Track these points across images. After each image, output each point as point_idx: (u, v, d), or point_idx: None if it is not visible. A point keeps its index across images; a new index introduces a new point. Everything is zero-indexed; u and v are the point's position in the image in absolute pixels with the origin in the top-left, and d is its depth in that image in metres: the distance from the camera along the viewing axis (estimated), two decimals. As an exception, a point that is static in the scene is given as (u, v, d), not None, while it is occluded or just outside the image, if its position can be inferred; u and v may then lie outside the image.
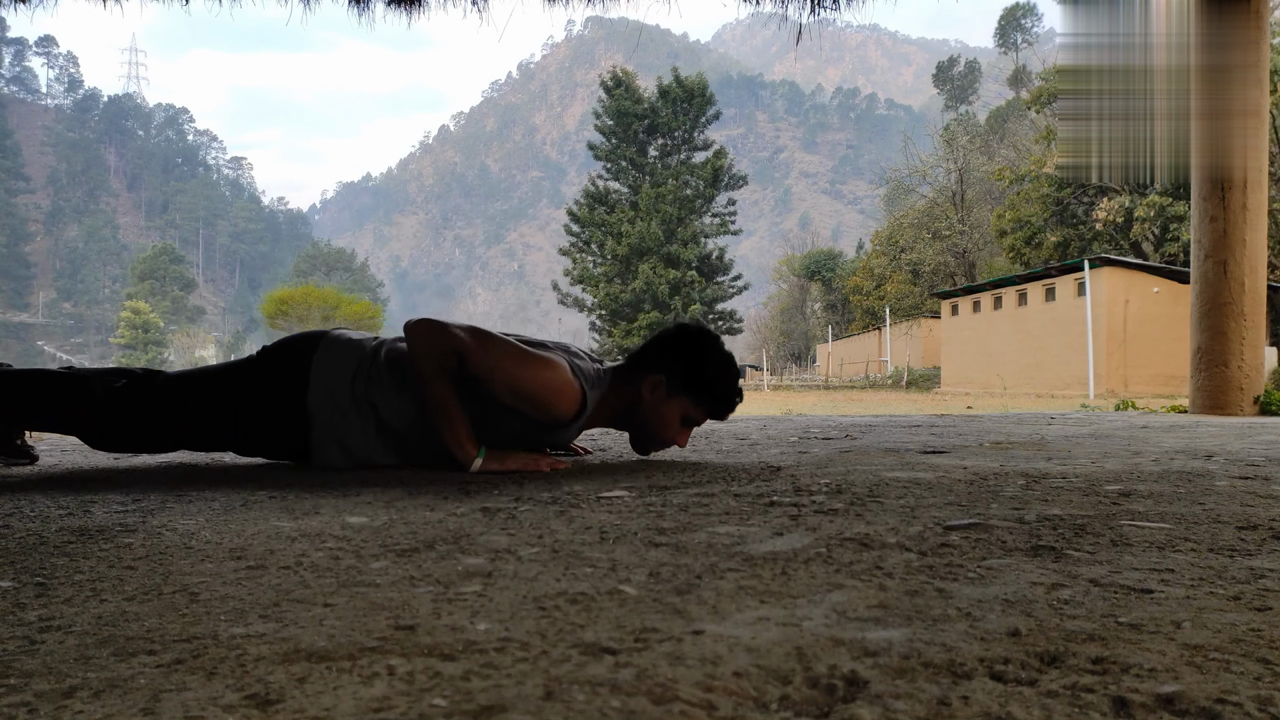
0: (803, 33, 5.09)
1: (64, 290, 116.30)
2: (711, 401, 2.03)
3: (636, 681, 0.60)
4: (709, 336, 2.05)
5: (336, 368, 1.88)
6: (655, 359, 2.02)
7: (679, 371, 1.99)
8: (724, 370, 2.02)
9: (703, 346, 2.02)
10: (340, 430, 1.89)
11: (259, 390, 1.90)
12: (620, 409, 2.03)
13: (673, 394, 1.99)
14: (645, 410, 2.01)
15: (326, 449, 1.91)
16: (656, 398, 1.99)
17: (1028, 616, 0.76)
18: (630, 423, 2.07)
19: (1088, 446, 2.50)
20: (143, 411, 1.89)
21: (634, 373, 2.02)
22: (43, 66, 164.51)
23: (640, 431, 2.07)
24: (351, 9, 4.87)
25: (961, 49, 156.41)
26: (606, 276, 40.69)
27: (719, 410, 2.05)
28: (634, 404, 2.01)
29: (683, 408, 2.01)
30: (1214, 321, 4.53)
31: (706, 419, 2.07)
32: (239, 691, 0.58)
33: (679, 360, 2.00)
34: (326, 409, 1.87)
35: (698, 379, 1.99)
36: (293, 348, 1.94)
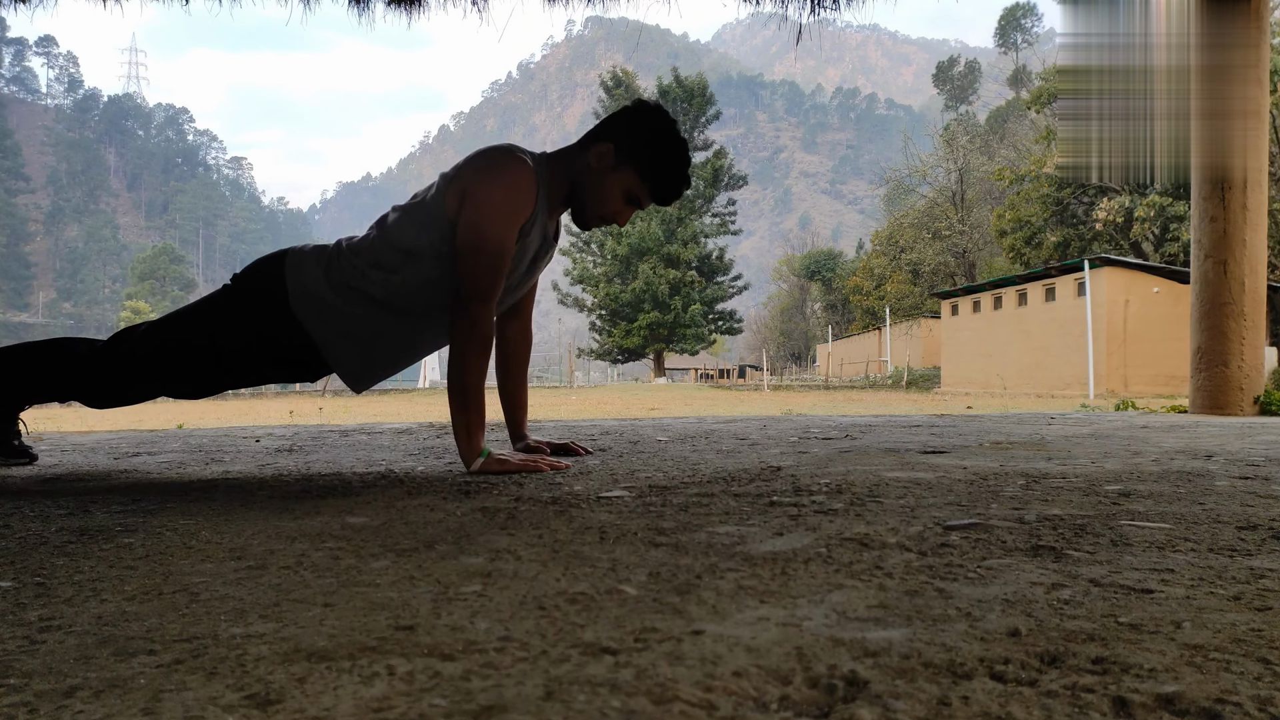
0: (803, 33, 5.10)
1: (64, 290, 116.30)
2: (658, 178, 1.97)
3: (636, 681, 0.60)
4: (664, 114, 2.00)
5: (308, 271, 1.89)
6: (605, 129, 1.98)
7: (628, 141, 1.94)
8: (674, 147, 1.97)
9: (656, 122, 1.97)
10: (337, 323, 1.89)
11: (244, 314, 1.90)
12: (568, 185, 1.99)
13: (620, 165, 1.94)
14: (590, 180, 1.96)
15: (334, 347, 1.91)
16: (603, 166, 1.95)
17: (1028, 616, 0.76)
18: (575, 198, 2.01)
19: (1088, 446, 2.50)
20: (130, 359, 1.89)
21: (583, 144, 1.99)
22: (43, 66, 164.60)
23: (583, 201, 2.00)
24: (351, 9, 4.87)
25: (961, 49, 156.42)
26: (606, 276, 40.70)
27: (664, 188, 1.98)
28: (580, 174, 1.97)
29: (628, 181, 1.96)
30: (1214, 321, 4.53)
31: (651, 200, 2.00)
32: (239, 691, 0.58)
33: (630, 130, 1.95)
34: (314, 309, 1.87)
35: (646, 151, 1.94)
36: (261, 268, 1.94)
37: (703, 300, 40.56)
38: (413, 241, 1.87)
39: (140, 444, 2.80)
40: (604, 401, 15.04)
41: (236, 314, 1.90)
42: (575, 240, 41.94)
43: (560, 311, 47.93)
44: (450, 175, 1.90)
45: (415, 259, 1.87)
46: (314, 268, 1.89)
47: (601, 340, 41.84)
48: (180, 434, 3.32)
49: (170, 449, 2.61)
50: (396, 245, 1.88)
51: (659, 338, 40.39)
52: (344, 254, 1.91)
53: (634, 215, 18.68)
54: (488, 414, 1.95)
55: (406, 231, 1.88)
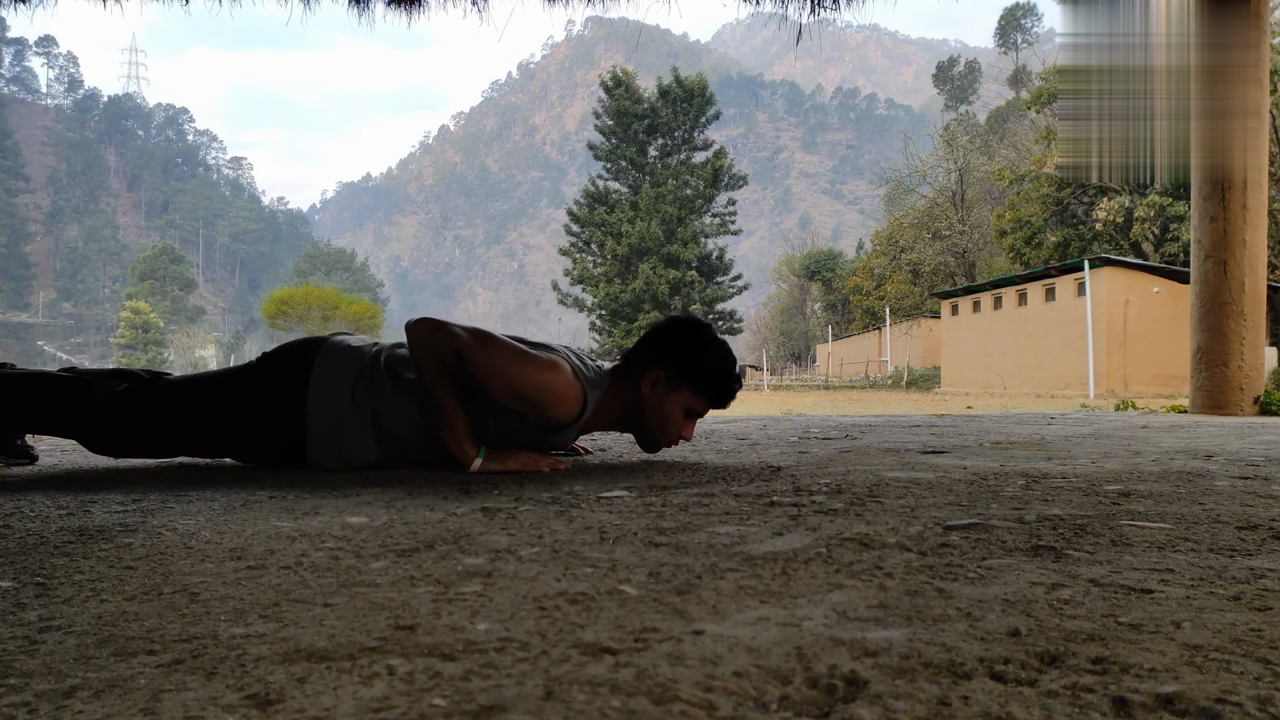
0: (803, 33, 5.10)
1: (64, 290, 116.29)
2: (712, 390, 2.01)
3: (636, 681, 0.60)
4: (702, 326, 2.05)
5: (337, 374, 1.88)
6: (652, 354, 2.01)
7: (677, 364, 1.98)
8: (721, 357, 2.01)
9: (697, 336, 2.02)
10: (337, 435, 1.89)
11: (258, 396, 1.90)
12: (620, 409, 2.03)
13: (673, 388, 1.98)
14: (647, 407, 2.00)
15: (321, 452, 1.91)
16: (657, 393, 1.99)
17: (1028, 616, 0.76)
18: (633, 422, 2.06)
19: (1088, 446, 2.50)
20: (142, 417, 1.89)
21: (632, 370, 2.02)
22: (43, 66, 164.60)
23: (644, 429, 2.06)
24: (351, 9, 4.87)
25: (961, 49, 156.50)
26: (606, 276, 40.70)
27: (721, 398, 2.04)
28: (634, 402, 2.01)
29: (685, 400, 2.00)
30: (1214, 321, 4.52)
31: (709, 409, 2.06)
32: (239, 691, 0.58)
33: (675, 353, 1.99)
34: (325, 414, 1.87)
35: (696, 369, 1.99)
36: (293, 354, 1.94)
37: (703, 300, 40.54)
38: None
39: (140, 444, 2.80)
40: (604, 401, 15.01)
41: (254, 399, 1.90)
42: (575, 240, 41.94)
43: (560, 311, 47.93)
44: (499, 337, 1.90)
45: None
46: (343, 376, 1.88)
47: (601, 340, 41.83)
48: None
49: (170, 449, 2.60)
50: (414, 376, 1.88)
51: (659, 338, 40.22)
52: (381, 373, 1.90)
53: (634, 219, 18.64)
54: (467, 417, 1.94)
55: None
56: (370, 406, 1.88)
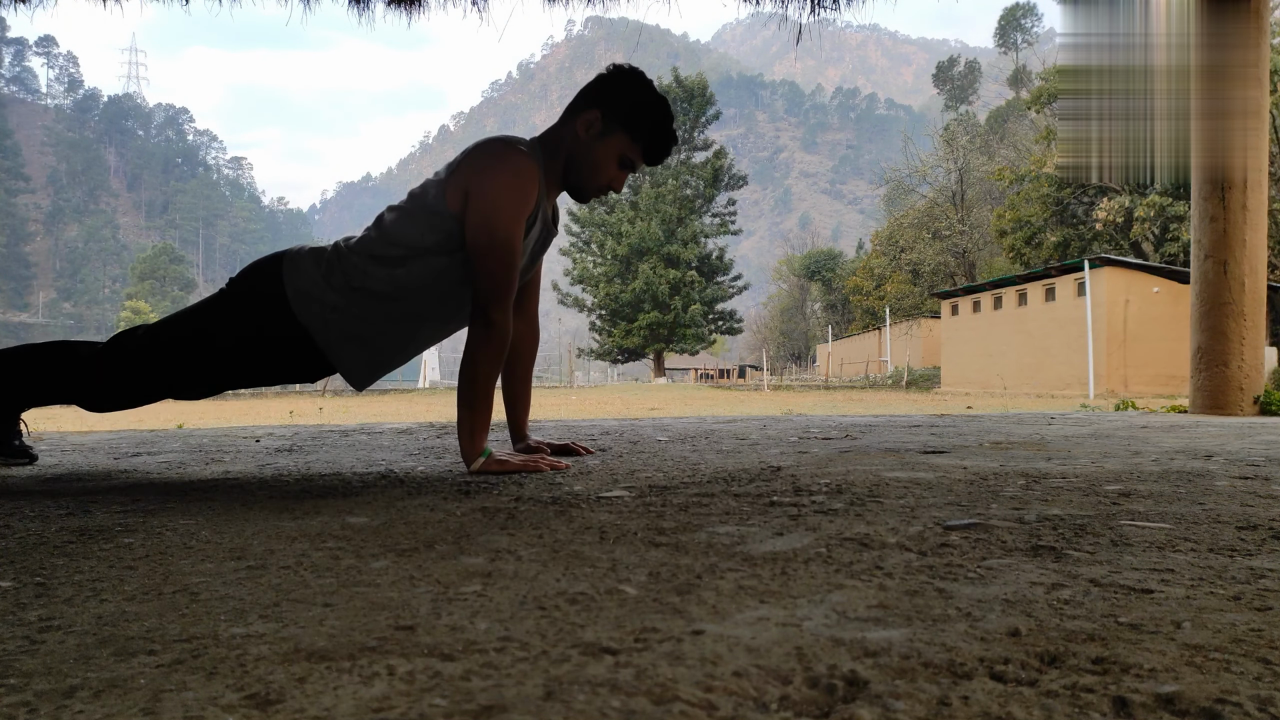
0: (803, 33, 5.09)
1: (64, 290, 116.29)
2: (648, 138, 1.98)
3: (636, 681, 0.60)
4: (641, 74, 2.02)
5: (307, 273, 1.88)
6: (588, 97, 1.99)
7: (613, 105, 1.96)
8: (659, 106, 1.99)
9: (637, 81, 1.99)
10: (340, 324, 1.88)
11: (244, 315, 1.89)
12: (561, 164, 2.00)
13: (609, 131, 1.96)
14: (580, 150, 1.98)
15: (338, 349, 1.90)
16: (592, 135, 1.96)
17: (1028, 616, 0.76)
18: (569, 175, 2.02)
19: (1088, 446, 2.50)
20: (129, 362, 1.88)
21: (568, 118, 1.99)
22: (43, 66, 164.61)
23: (577, 175, 2.02)
24: (351, 9, 4.87)
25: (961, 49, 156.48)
26: (606, 276, 40.69)
27: (655, 146, 2.00)
28: (571, 150, 1.98)
29: (619, 146, 1.97)
30: (1214, 321, 4.52)
31: (644, 160, 2.02)
32: (239, 691, 0.58)
33: (612, 94, 1.97)
34: (316, 312, 1.86)
35: (633, 113, 1.96)
36: (258, 270, 1.93)
37: (703, 300, 40.55)
38: (416, 239, 1.87)
39: (140, 444, 2.80)
40: (604, 401, 15.04)
41: (236, 315, 1.89)
42: (575, 240, 41.95)
43: (560, 311, 47.93)
44: (449, 171, 1.90)
45: (420, 255, 1.87)
46: (312, 270, 1.88)
47: (601, 340, 41.83)
48: (180, 434, 3.32)
49: (170, 449, 2.61)
50: (398, 243, 1.88)
51: (659, 338, 40.39)
52: (343, 254, 1.90)
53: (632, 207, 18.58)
54: (491, 415, 1.95)
55: (408, 230, 1.88)
56: (353, 286, 1.87)
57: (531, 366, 2.30)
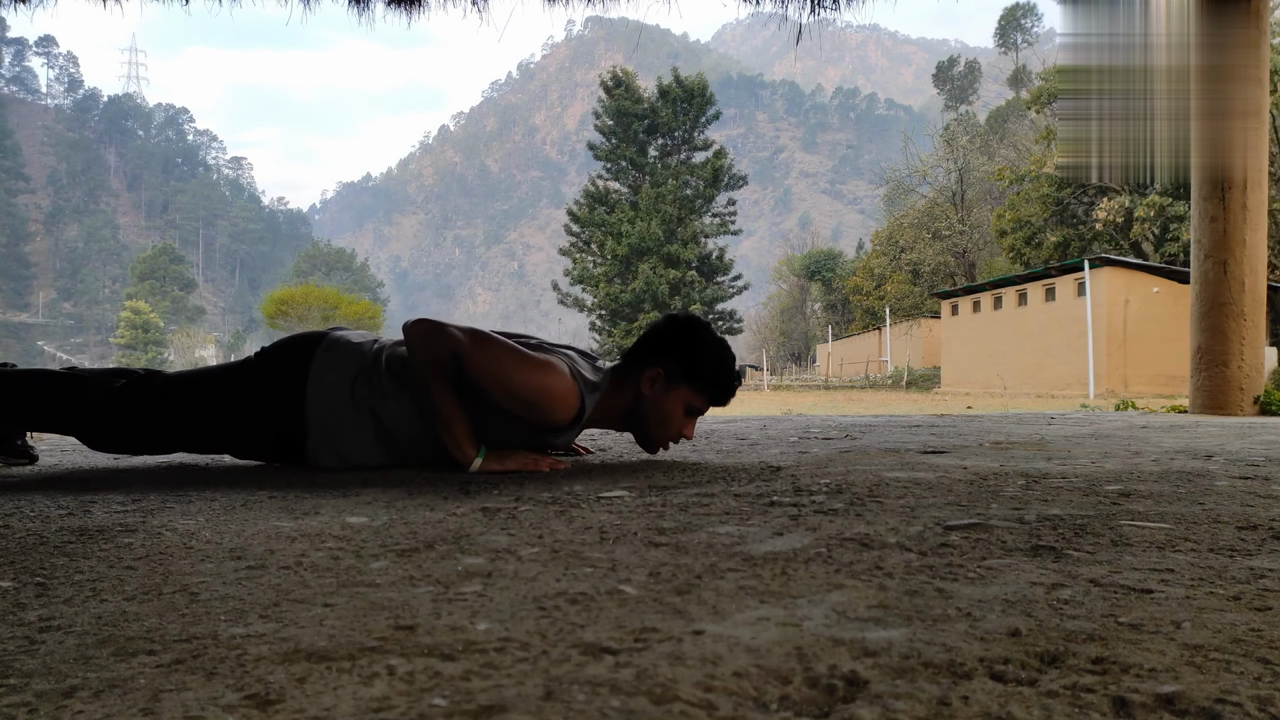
0: (803, 33, 5.09)
1: (64, 290, 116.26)
2: (712, 389, 2.02)
3: (636, 681, 0.60)
4: (700, 323, 2.05)
5: (337, 371, 1.88)
6: (651, 353, 2.01)
7: (676, 362, 1.98)
8: (720, 355, 2.02)
9: (696, 334, 2.02)
10: (337, 435, 1.89)
11: (257, 392, 1.90)
12: (620, 408, 2.03)
13: (672, 386, 1.98)
14: (647, 406, 2.01)
15: (321, 453, 1.90)
16: (656, 391, 1.99)
17: (1028, 616, 0.76)
18: (633, 421, 2.06)
19: (1088, 446, 2.50)
20: (140, 413, 1.88)
21: (631, 370, 2.02)
22: (43, 66, 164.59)
23: (644, 428, 2.06)
24: (351, 9, 4.87)
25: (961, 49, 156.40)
26: (606, 276, 40.68)
27: (720, 395, 2.04)
28: (634, 402, 2.01)
29: (684, 398, 2.00)
30: (1214, 321, 4.52)
31: (709, 406, 2.06)
32: (239, 691, 0.58)
33: (674, 351, 1.99)
34: (325, 413, 1.87)
35: (696, 368, 1.99)
36: (292, 349, 1.93)
37: (703, 300, 40.53)
38: None
39: (140, 444, 2.79)
40: (604, 401, 15.01)
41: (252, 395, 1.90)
42: (575, 240, 41.93)
43: (560, 311, 47.95)
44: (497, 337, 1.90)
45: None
46: (343, 374, 1.87)
47: (601, 340, 41.82)
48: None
49: (170, 449, 2.60)
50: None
51: (659, 338, 40.23)
52: (381, 372, 1.89)
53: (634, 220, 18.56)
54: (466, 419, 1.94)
55: None
56: (370, 406, 1.88)
57: None
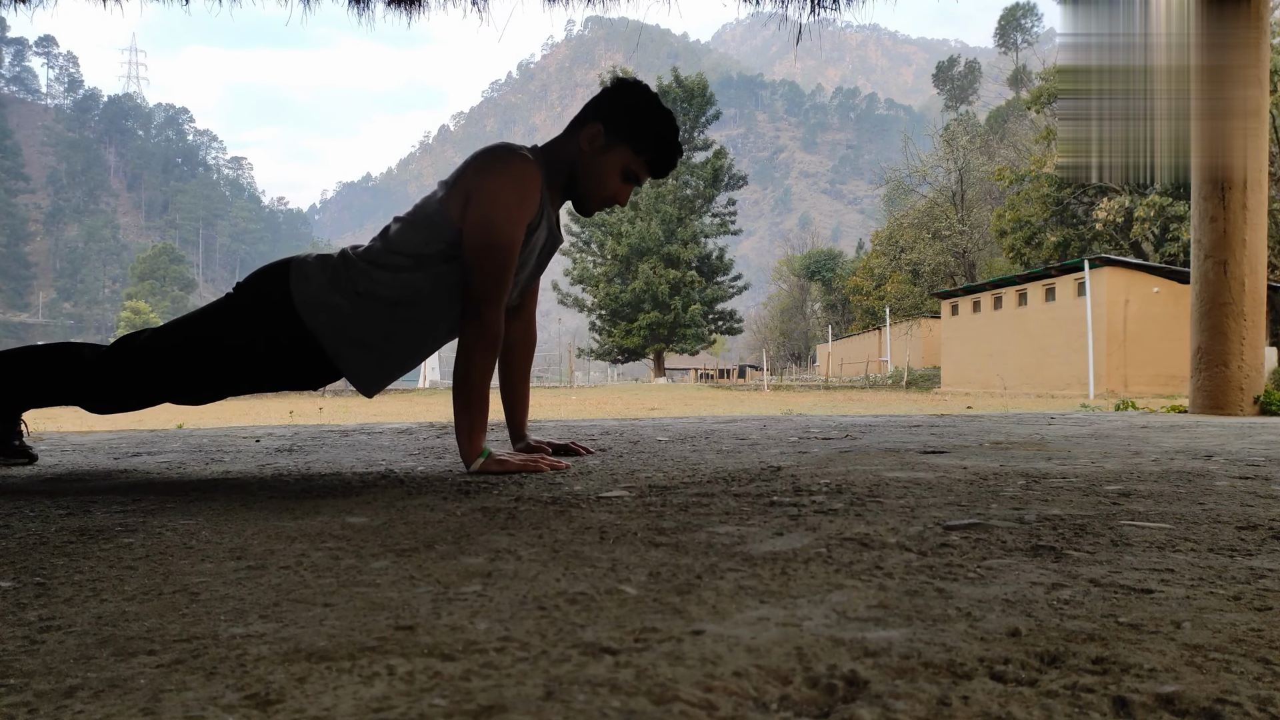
0: (803, 33, 5.09)
1: (64, 290, 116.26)
2: (652, 151, 1.97)
3: (636, 681, 0.60)
4: (646, 88, 2.01)
5: (313, 279, 1.88)
6: (592, 111, 1.98)
7: (616, 118, 1.95)
8: (663, 116, 1.98)
9: (640, 93, 1.99)
10: (348, 330, 1.88)
11: (250, 320, 1.89)
12: (562, 171, 1.99)
13: (611, 144, 1.95)
14: (585, 163, 1.97)
15: (346, 355, 1.89)
16: (595, 147, 1.95)
17: (1028, 616, 0.76)
18: (572, 187, 2.02)
19: (1088, 446, 2.50)
20: (133, 365, 1.88)
21: (572, 130, 1.99)
22: (43, 66, 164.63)
23: (580, 188, 2.01)
24: (351, 9, 4.87)
25: (961, 49, 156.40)
26: (606, 276, 40.71)
27: (660, 159, 1.99)
28: (574, 161, 1.97)
29: (623, 159, 1.96)
30: (1214, 321, 4.52)
31: (648, 173, 2.01)
32: (239, 691, 0.58)
33: (616, 108, 1.96)
34: (324, 318, 1.86)
35: (636, 125, 1.95)
36: (264, 276, 1.93)
37: (703, 300, 40.55)
38: (420, 248, 1.87)
39: (140, 444, 2.80)
40: (604, 401, 15.04)
41: (242, 321, 1.89)
42: (575, 240, 41.95)
43: (560, 311, 47.96)
44: (452, 180, 1.90)
45: (424, 264, 1.87)
46: (319, 276, 1.88)
47: (601, 340, 41.82)
48: (180, 434, 3.32)
49: (170, 449, 2.61)
50: (402, 251, 1.88)
51: (659, 338, 40.39)
52: (350, 261, 1.90)
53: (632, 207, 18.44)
54: (489, 414, 1.95)
55: (412, 239, 1.88)
56: (356, 290, 1.87)
57: (529, 366, 2.30)
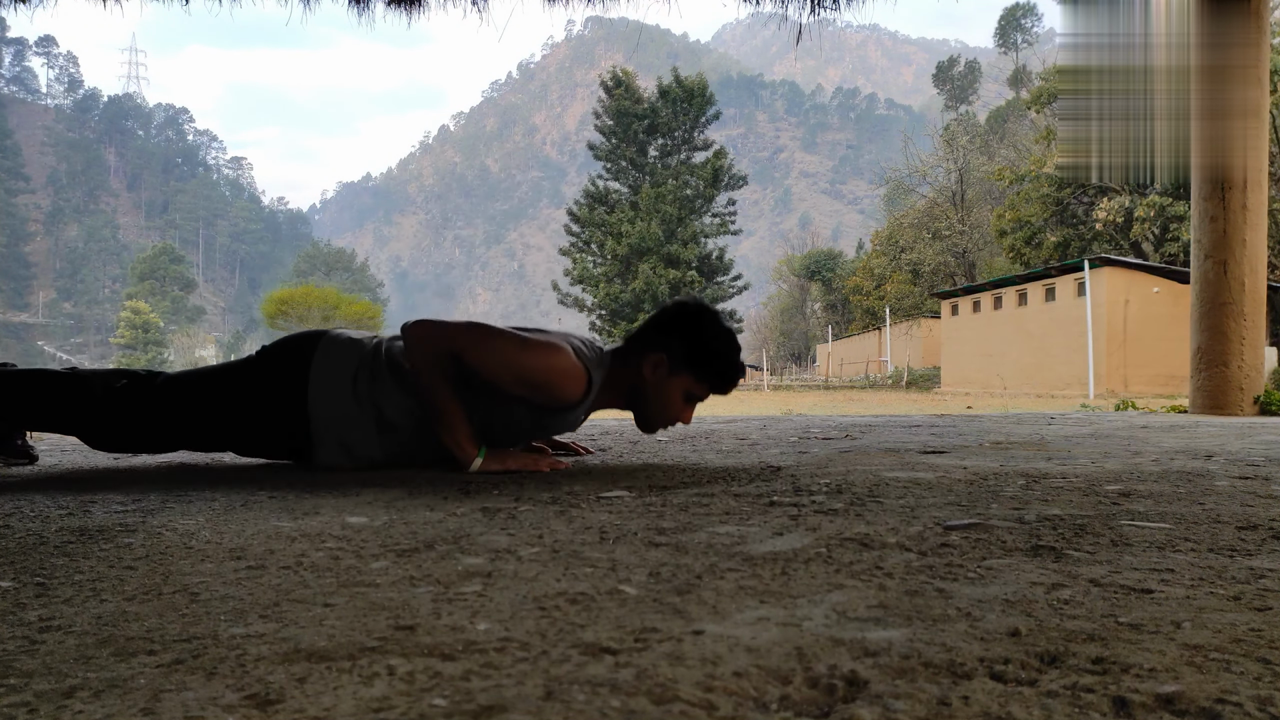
0: (803, 33, 5.09)
1: (64, 290, 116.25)
2: (714, 377, 2.01)
3: (636, 681, 0.60)
4: (708, 311, 2.04)
5: (337, 367, 1.88)
6: (655, 337, 2.01)
7: (680, 348, 1.97)
8: (725, 344, 2.01)
9: (702, 322, 2.01)
10: (341, 429, 1.89)
11: (259, 390, 1.90)
12: (623, 390, 2.02)
13: (675, 372, 1.98)
14: (648, 390, 2.00)
15: (327, 449, 1.91)
16: (659, 376, 1.98)
17: (1028, 616, 0.76)
18: (634, 403, 2.05)
19: (1088, 446, 2.50)
20: (142, 412, 1.89)
21: (634, 352, 2.01)
22: (43, 66, 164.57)
23: (644, 411, 2.05)
24: (351, 8, 4.87)
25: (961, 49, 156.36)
26: (606, 276, 40.69)
27: (722, 385, 2.03)
28: (636, 384, 2.00)
29: (685, 385, 1.99)
30: (1214, 321, 4.52)
31: (710, 394, 2.05)
32: (239, 691, 0.58)
33: (679, 337, 1.98)
34: (327, 408, 1.87)
35: (699, 355, 1.98)
36: (292, 347, 1.94)
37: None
38: None
39: (140, 444, 2.80)
40: (604, 401, 15.01)
41: (254, 393, 1.90)
42: (575, 240, 41.95)
43: (560, 311, 47.93)
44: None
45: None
46: (343, 369, 1.88)
47: (601, 341, 41.76)
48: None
49: (170, 449, 2.60)
50: None
51: (659, 338, 40.26)
52: (379, 361, 1.90)
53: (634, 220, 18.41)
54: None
55: None
56: (372, 400, 1.88)
57: None
